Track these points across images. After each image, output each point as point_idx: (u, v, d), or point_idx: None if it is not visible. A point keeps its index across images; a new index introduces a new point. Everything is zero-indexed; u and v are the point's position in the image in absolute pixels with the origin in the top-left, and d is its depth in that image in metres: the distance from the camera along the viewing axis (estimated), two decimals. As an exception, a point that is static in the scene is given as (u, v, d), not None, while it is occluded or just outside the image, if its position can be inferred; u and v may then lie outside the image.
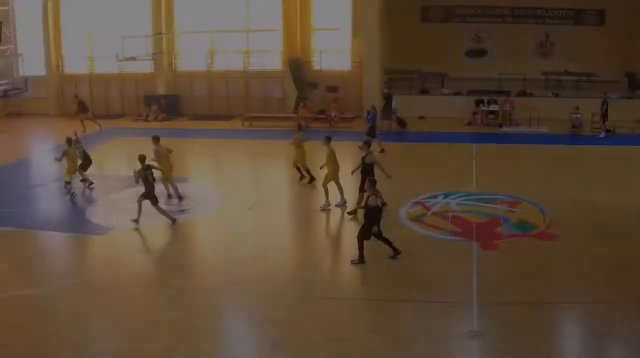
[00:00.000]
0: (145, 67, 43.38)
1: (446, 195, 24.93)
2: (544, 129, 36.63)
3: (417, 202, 24.28)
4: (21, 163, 32.26)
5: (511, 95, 39.51)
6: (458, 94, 40.66)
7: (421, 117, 39.90)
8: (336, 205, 23.91)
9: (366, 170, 22.48)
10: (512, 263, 18.85)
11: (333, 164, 24.04)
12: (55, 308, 16.82)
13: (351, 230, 21.92)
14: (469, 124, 38.00)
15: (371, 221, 18.86)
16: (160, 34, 42.39)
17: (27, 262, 19.69)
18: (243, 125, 39.78)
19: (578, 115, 35.02)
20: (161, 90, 43.75)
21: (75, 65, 45.03)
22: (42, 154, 29.15)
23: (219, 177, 27.64)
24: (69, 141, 26.15)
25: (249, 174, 27.92)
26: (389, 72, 43.04)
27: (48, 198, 26.02)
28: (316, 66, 42.35)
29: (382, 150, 31.38)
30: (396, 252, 19.12)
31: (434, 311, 16.22)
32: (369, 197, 18.98)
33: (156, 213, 22.12)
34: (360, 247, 19.00)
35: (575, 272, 18.17)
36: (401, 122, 37.72)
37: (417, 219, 22.61)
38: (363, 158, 22.98)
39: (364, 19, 40.00)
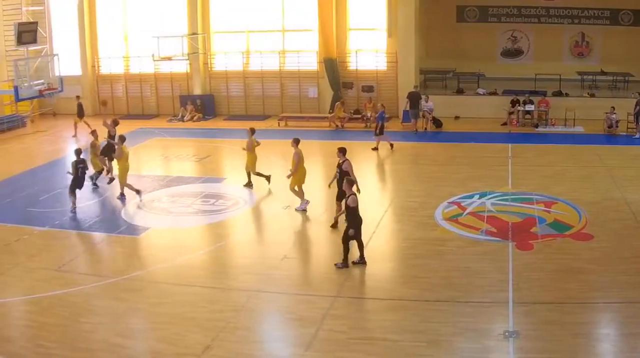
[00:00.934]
0: (180, 67, 43.75)
1: (482, 195, 24.86)
2: (579, 129, 36.39)
3: (453, 202, 24.24)
4: (57, 162, 32.66)
5: (547, 95, 39.27)
6: (493, 94, 40.48)
7: (457, 117, 39.80)
8: (296, 209, 24.11)
9: (343, 179, 21.16)
10: (547, 263, 18.74)
11: (300, 167, 23.94)
12: (91, 308, 17.00)
13: (386, 232, 22.01)
14: (505, 124, 37.82)
15: (352, 222, 18.77)
16: (195, 34, 42.60)
17: (62, 261, 19.92)
18: (279, 125, 39.89)
19: (614, 116, 34.75)
20: (197, 90, 44.01)
21: (110, 65, 45.43)
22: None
23: (254, 177, 27.59)
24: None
25: (283, 174, 27.86)
26: (424, 72, 43.01)
27: (83, 199, 26.06)
28: (352, 66, 42.35)
29: (375, 148, 32.89)
30: (344, 263, 18.85)
31: (469, 311, 16.21)
32: (349, 197, 18.86)
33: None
34: (345, 250, 18.88)
35: (611, 272, 18.06)
36: (437, 122, 37.67)
37: (452, 219, 22.59)
38: (339, 165, 22.18)
39: (399, 19, 39.99)
